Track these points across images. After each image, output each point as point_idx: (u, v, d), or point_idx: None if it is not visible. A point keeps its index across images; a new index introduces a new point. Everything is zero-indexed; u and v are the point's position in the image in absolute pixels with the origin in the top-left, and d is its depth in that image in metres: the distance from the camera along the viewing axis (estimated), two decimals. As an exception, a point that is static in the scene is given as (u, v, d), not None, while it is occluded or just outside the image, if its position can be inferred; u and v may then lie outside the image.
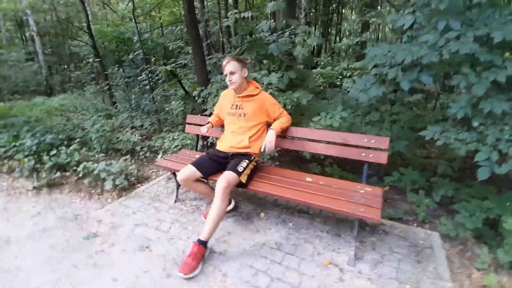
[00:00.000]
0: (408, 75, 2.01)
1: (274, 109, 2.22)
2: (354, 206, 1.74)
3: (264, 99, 2.19)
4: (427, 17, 1.95)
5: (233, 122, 2.25)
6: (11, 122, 4.70)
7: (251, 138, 2.17)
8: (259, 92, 2.21)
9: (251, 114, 2.17)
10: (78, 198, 2.73)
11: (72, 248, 1.96)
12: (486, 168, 1.62)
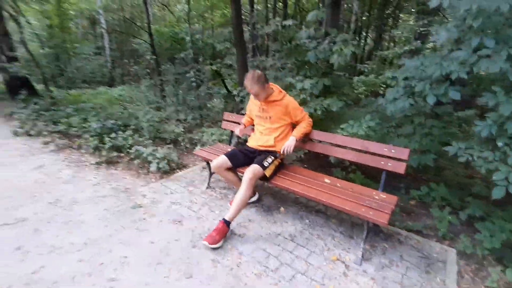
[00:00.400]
0: (436, 89, 2.05)
1: (296, 113, 2.41)
2: (364, 209, 1.86)
3: (287, 104, 2.37)
4: (462, 33, 1.97)
5: (260, 124, 2.50)
6: (82, 107, 5.56)
7: (276, 138, 2.40)
8: (283, 97, 2.39)
9: (276, 117, 2.39)
10: (128, 175, 3.22)
11: (121, 213, 2.39)
12: (502, 187, 1.62)
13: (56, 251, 1.91)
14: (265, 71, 4.71)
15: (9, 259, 1.82)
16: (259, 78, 2.25)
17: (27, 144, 4.09)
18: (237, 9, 4.20)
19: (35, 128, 4.59)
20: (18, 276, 1.68)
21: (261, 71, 2.35)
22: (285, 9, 11.37)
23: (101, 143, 3.86)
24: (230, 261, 1.89)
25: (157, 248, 1.99)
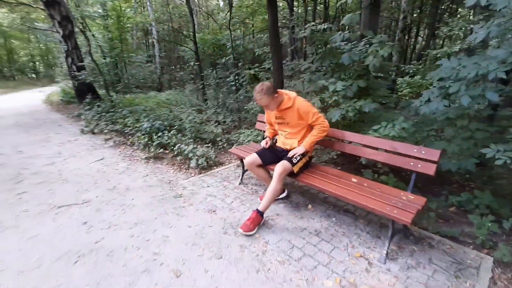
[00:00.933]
0: (472, 90, 1.99)
1: (308, 116, 2.44)
2: (389, 208, 1.89)
3: (298, 109, 2.43)
4: (501, 31, 1.90)
5: (281, 129, 2.65)
6: (135, 109, 6.26)
7: (300, 141, 2.54)
8: (294, 102, 2.44)
9: (293, 122, 2.51)
10: (172, 169, 3.60)
11: (165, 200, 2.73)
12: None
13: (113, 227, 2.28)
14: (300, 74, 4.82)
15: (78, 231, 2.24)
16: (267, 90, 2.34)
17: (91, 141, 4.78)
18: (274, 14, 4.40)
19: (98, 127, 5.33)
20: (84, 244, 2.06)
21: (270, 83, 2.42)
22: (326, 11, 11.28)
23: (150, 141, 4.35)
24: (256, 248, 2.06)
25: (193, 231, 2.25)
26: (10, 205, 2.64)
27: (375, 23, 4.63)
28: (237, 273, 1.82)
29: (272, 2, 4.34)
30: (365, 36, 3.85)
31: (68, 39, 7.36)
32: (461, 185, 3.26)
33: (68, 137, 4.98)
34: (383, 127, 2.83)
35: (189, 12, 9.61)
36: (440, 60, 2.34)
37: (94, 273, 1.80)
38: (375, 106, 3.30)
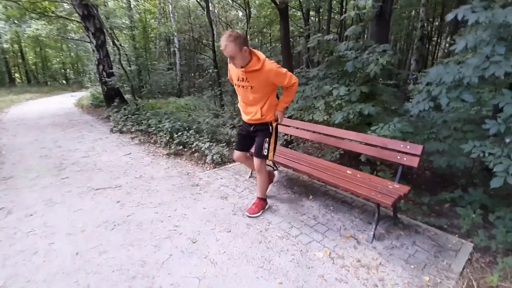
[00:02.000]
0: (452, 93, 2.27)
1: (280, 79, 2.22)
2: (374, 193, 2.19)
3: (268, 72, 2.15)
4: (477, 42, 2.18)
5: (242, 94, 2.35)
6: (157, 112, 6.82)
7: (262, 109, 2.31)
8: (263, 65, 2.13)
9: (258, 87, 2.23)
10: (190, 164, 4.03)
11: (183, 188, 3.14)
12: (500, 178, 1.79)
13: (141, 206, 2.71)
14: (309, 81, 5.18)
15: (113, 207, 2.69)
16: (235, 38, 2.00)
17: (119, 139, 5.34)
18: (285, 26, 4.82)
19: (125, 127, 5.90)
20: (118, 217, 2.50)
21: (243, 33, 2.11)
22: (342, 21, 11.61)
23: (170, 139, 4.83)
24: (260, 226, 2.41)
25: (207, 211, 2.63)
26: (56, 187, 3.15)
27: (383, 34, 4.92)
28: (243, 243, 2.18)
29: (284, 15, 4.75)
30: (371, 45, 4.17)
31: (100, 49, 8.13)
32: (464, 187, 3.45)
33: (99, 135, 5.58)
34: (380, 127, 3.12)
35: (209, 22, 10.23)
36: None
37: (127, 237, 2.22)
38: (376, 109, 3.58)
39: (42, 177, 3.43)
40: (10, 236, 2.23)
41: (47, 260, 1.95)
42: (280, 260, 2.00)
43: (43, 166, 3.83)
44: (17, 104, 11.39)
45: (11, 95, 13.62)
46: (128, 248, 2.09)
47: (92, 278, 1.78)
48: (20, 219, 2.48)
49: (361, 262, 2.02)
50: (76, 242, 2.15)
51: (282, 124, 3.58)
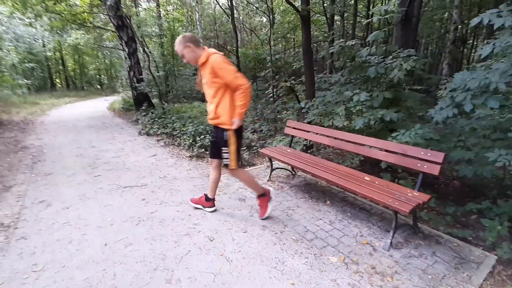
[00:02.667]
0: (477, 99, 2.20)
1: (224, 73, 2.17)
2: (391, 200, 2.16)
3: (213, 64, 2.17)
4: (504, 47, 2.10)
5: (205, 91, 2.39)
6: (182, 116, 7.12)
7: (217, 108, 2.28)
8: (208, 58, 2.20)
9: (209, 81, 2.25)
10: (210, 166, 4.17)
11: (204, 189, 3.28)
12: None
13: (164, 204, 2.88)
14: (331, 87, 5.16)
15: (138, 204, 2.88)
16: (182, 39, 2.21)
17: (146, 141, 5.65)
18: (307, 33, 4.85)
19: (152, 130, 6.23)
20: (143, 213, 2.68)
21: (191, 34, 2.29)
22: (368, 25, 11.39)
23: (193, 142, 5.03)
24: (275, 228, 2.46)
25: (225, 212, 2.74)
26: (90, 183, 3.43)
27: (408, 38, 4.80)
28: (258, 243, 2.24)
29: (305, 21, 4.80)
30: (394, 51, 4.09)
31: (132, 56, 8.67)
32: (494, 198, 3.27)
33: (129, 137, 5.94)
34: (401, 134, 3.05)
35: (233, 29, 10.51)
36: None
37: (151, 232, 2.37)
38: (399, 115, 3.50)
39: (78, 175, 3.74)
40: (49, 226, 2.48)
41: (79, 249, 2.15)
42: (293, 262, 2.04)
43: (79, 164, 4.17)
44: (57, 107, 12.39)
45: (52, 99, 14.84)
46: (151, 242, 2.24)
47: (118, 268, 1.94)
48: (58, 211, 2.74)
49: (376, 269, 2.00)
50: (105, 234, 2.34)
51: (301, 129, 3.62)
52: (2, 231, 2.40)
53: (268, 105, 9.78)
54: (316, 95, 5.25)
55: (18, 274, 1.88)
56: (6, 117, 8.55)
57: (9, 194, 3.14)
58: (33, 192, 3.18)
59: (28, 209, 2.79)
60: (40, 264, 1.98)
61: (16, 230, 2.40)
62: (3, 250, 2.14)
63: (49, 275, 1.87)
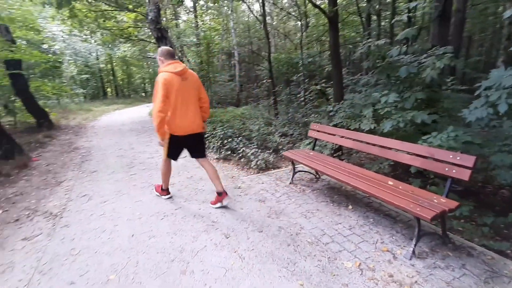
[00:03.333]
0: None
1: (154, 91, 2.58)
2: (413, 205, 2.04)
3: (156, 79, 2.58)
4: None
5: None
6: (213, 120, 7.42)
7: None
8: (159, 73, 2.61)
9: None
10: (236, 168, 4.30)
11: (227, 189, 3.36)
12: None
13: (188, 201, 3.05)
14: (360, 88, 4.99)
15: (165, 201, 3.09)
16: (159, 51, 2.67)
17: (179, 143, 6.00)
18: (335, 34, 4.78)
19: (185, 133, 6.60)
20: (168, 209, 2.88)
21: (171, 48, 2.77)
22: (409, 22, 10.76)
23: (221, 145, 5.21)
24: (292, 230, 2.47)
25: (244, 212, 2.81)
26: (125, 181, 3.76)
27: (445, 35, 4.47)
28: (272, 243, 2.27)
29: (333, 24, 4.74)
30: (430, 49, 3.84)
31: (170, 65, 9.29)
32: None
33: (164, 140, 6.37)
34: (432, 137, 2.85)
35: (265, 34, 10.69)
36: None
37: (173, 226, 2.54)
38: (432, 117, 3.28)
39: (116, 173, 4.12)
40: (87, 217, 2.79)
41: (110, 238, 2.38)
42: (305, 263, 2.03)
43: (118, 164, 4.59)
44: (107, 113, 13.69)
45: (103, 106, 16.44)
46: (172, 236, 2.39)
47: (141, 256, 2.12)
48: (97, 204, 3.07)
49: (394, 277, 1.90)
50: (133, 227, 2.56)
51: (325, 132, 3.57)
52: (50, 219, 2.76)
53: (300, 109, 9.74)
54: (345, 97, 5.11)
55: (59, 257, 2.15)
56: (64, 122, 9.70)
57: (60, 188, 3.59)
58: (78, 187, 3.59)
59: (73, 201, 3.16)
60: (77, 249, 2.24)
61: (61, 219, 2.74)
62: (49, 236, 2.46)
63: (83, 259, 2.11)
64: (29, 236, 2.46)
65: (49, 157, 5.05)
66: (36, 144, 5.93)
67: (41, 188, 3.57)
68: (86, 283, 1.86)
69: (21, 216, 2.81)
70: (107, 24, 10.21)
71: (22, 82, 7.89)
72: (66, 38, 15.65)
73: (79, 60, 18.53)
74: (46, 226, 2.62)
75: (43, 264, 2.07)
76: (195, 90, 2.80)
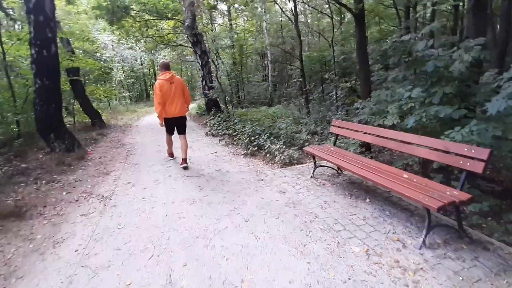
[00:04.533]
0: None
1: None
2: (422, 196, 2.10)
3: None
4: None
5: None
6: (243, 119, 7.76)
7: None
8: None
9: None
10: (261, 163, 4.56)
11: (251, 181, 3.67)
12: None
13: (214, 191, 3.39)
14: (387, 84, 4.91)
15: (195, 189, 3.47)
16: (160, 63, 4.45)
17: (211, 140, 6.44)
18: (361, 31, 4.77)
19: (216, 131, 7.04)
20: (197, 196, 3.24)
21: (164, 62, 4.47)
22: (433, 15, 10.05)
23: (249, 142, 5.51)
24: (306, 218, 2.64)
25: (264, 201, 3.05)
26: (162, 172, 4.24)
27: (481, 26, 4.21)
28: (286, 228, 2.48)
29: (359, 20, 4.74)
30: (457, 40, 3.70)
31: (204, 67, 9.87)
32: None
33: (197, 137, 6.87)
34: (455, 132, 2.80)
35: (297, 33, 10.78)
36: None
37: (200, 210, 2.88)
38: (459, 112, 3.18)
39: (155, 165, 4.64)
40: (131, 200, 3.26)
41: (148, 217, 2.80)
42: (315, 246, 2.20)
43: (157, 158, 5.14)
44: (149, 114, 14.89)
45: (146, 108, 17.88)
46: (199, 218, 2.73)
47: (172, 233, 2.48)
48: (138, 190, 3.55)
49: (400, 263, 1.99)
50: (167, 209, 2.96)
51: (346, 128, 3.66)
52: (102, 200, 3.28)
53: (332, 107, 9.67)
54: (372, 94, 5.06)
55: (108, 229, 2.61)
56: (114, 122, 10.85)
57: (109, 177, 4.18)
58: (124, 176, 4.14)
59: (120, 187, 3.69)
60: (122, 224, 2.68)
61: (110, 201, 3.25)
62: (101, 213, 2.96)
63: (127, 232, 2.54)
64: (86, 212, 2.98)
65: (101, 151, 5.81)
66: (91, 140, 6.81)
67: (95, 176, 4.20)
68: (128, 249, 2.26)
69: (79, 197, 3.39)
70: (149, 32, 11.17)
71: (80, 87, 9.06)
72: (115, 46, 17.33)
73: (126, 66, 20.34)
74: (98, 206, 3.14)
75: (96, 234, 2.53)
76: (180, 89, 4.37)
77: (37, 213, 2.99)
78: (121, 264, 2.09)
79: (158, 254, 2.18)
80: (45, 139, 5.19)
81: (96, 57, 13.56)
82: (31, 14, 4.76)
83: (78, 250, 2.31)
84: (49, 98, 5.06)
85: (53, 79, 5.11)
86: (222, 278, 1.88)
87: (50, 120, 5.10)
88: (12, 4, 7.43)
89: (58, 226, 2.73)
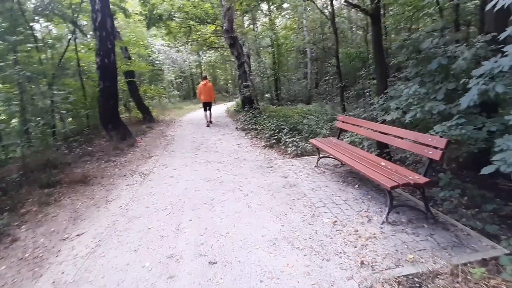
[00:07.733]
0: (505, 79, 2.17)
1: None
2: (382, 178, 2.45)
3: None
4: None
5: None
6: (272, 115, 8.32)
7: None
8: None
9: None
10: (276, 154, 5.10)
11: (261, 168, 4.25)
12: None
13: (228, 173, 4.07)
14: (399, 81, 5.00)
15: (213, 171, 4.19)
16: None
17: (239, 134, 7.17)
18: (377, 31, 4.94)
19: (245, 126, 7.73)
20: (213, 177, 3.95)
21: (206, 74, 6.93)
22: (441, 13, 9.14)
23: (270, 135, 6.07)
24: (295, 197, 3.14)
25: (265, 183, 3.62)
26: (191, 158, 5.08)
27: (502, 21, 4.08)
28: (275, 202, 3.02)
29: (375, 20, 4.92)
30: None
31: (240, 67, 10.65)
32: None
33: (228, 131, 7.66)
34: (440, 125, 3.00)
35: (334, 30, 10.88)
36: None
37: (212, 186, 3.59)
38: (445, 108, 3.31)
39: (187, 153, 5.52)
40: (163, 177, 4.12)
41: (172, 189, 3.61)
42: (292, 215, 2.71)
43: (189, 147, 6.03)
44: (193, 111, 16.37)
45: (191, 105, 19.52)
46: (209, 191, 3.43)
47: (186, 199, 3.22)
48: (169, 171, 4.41)
49: (358, 232, 2.40)
50: (187, 184, 3.73)
51: (348, 123, 4.00)
52: (142, 176, 4.22)
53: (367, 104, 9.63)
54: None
55: (143, 195, 3.48)
56: (161, 117, 12.34)
57: (150, 160, 5.16)
58: (161, 160, 5.08)
59: (156, 168, 4.61)
60: (153, 192, 3.53)
61: (148, 177, 4.16)
62: (140, 184, 3.87)
63: (155, 197, 3.37)
64: (130, 183, 3.92)
65: (147, 141, 6.97)
66: (141, 132, 8.10)
67: (140, 159, 5.23)
68: (154, 208, 3.07)
69: (127, 173, 4.38)
70: (193, 36, 12.38)
71: (135, 87, 10.60)
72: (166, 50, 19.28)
73: (175, 67, 22.39)
74: (139, 179, 4.07)
75: (135, 197, 3.41)
76: (209, 90, 8.67)
77: (97, 182, 4.04)
78: (147, 216, 2.89)
79: (173, 212, 2.93)
80: (105, 129, 6.48)
81: (149, 60, 15.38)
82: (97, 30, 6.02)
83: (121, 206, 3.20)
84: (109, 96, 6.31)
85: (112, 81, 6.35)
86: (214, 230, 2.54)
87: (109, 114, 6.36)
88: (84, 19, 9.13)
89: (110, 191, 3.70)
